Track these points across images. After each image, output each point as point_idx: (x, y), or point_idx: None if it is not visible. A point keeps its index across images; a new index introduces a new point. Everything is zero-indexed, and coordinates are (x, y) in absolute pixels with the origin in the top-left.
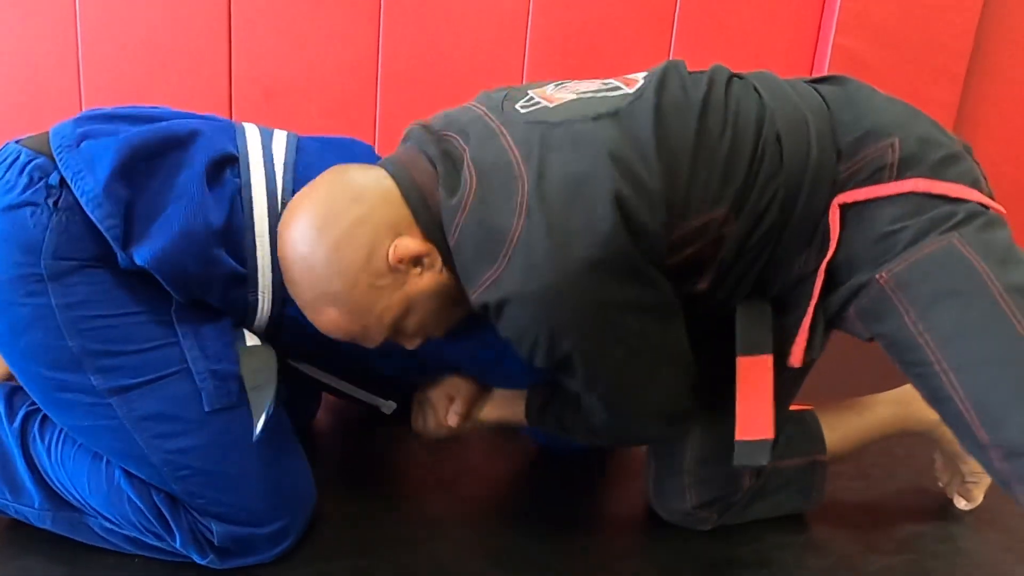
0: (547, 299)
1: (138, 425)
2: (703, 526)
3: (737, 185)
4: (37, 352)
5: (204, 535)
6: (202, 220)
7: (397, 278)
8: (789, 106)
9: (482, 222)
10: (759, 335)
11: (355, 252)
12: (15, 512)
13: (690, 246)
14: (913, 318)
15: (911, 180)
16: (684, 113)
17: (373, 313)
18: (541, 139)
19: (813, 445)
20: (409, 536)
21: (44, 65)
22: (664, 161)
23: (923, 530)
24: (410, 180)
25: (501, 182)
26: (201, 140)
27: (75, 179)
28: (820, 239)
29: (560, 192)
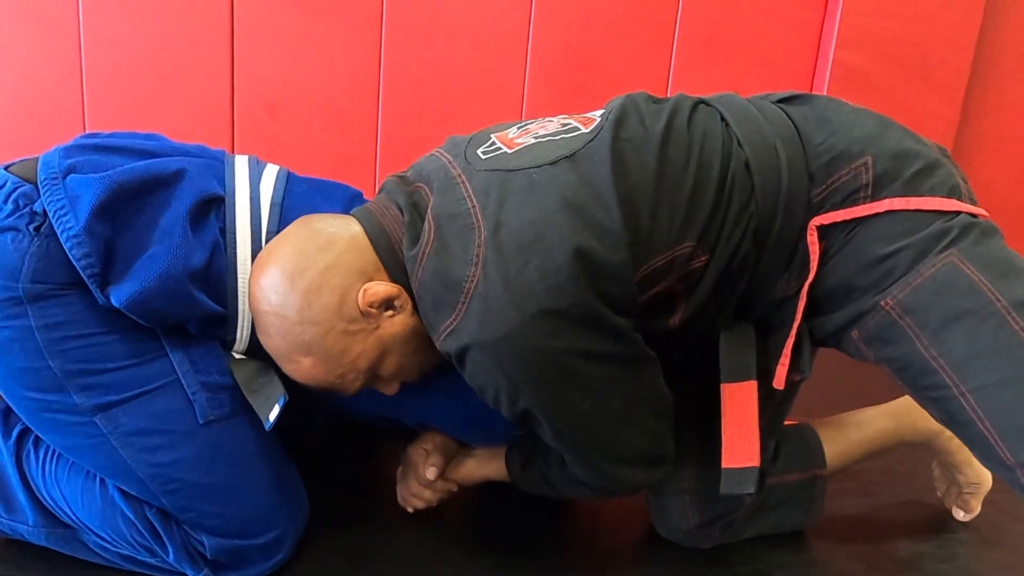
0: (504, 349)
1: (124, 441)
2: (704, 544)
3: (704, 217)
4: (20, 374)
5: (197, 549)
6: (183, 263)
7: (369, 322)
8: (757, 133)
9: (438, 272)
10: (742, 361)
11: (326, 299)
12: (10, 530)
13: (658, 284)
14: (925, 343)
15: (887, 200)
16: (643, 148)
17: (348, 359)
18: (499, 188)
19: (813, 460)
20: (402, 549)
21: (48, 81)
22: (623, 200)
23: (925, 549)
24: (378, 227)
25: (457, 232)
26: (187, 180)
27: (57, 215)
28: (799, 262)
29: (516, 243)
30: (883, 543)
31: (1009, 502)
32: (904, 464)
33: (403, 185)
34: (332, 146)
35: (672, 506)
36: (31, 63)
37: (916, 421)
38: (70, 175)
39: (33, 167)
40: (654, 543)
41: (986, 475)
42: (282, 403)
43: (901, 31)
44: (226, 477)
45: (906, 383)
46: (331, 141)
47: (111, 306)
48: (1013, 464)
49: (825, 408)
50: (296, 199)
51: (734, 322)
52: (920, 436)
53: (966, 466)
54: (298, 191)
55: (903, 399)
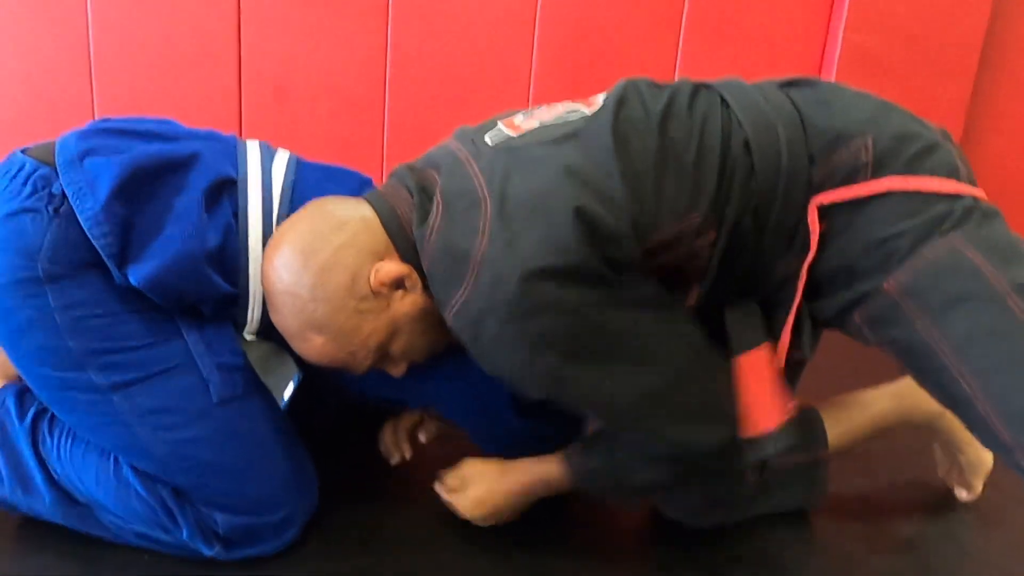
0: (519, 310)
1: (141, 419)
2: (707, 524)
3: (710, 193)
4: (39, 353)
5: (210, 526)
6: (198, 243)
7: (380, 301)
8: (757, 114)
9: (447, 246)
10: (751, 332)
11: (339, 277)
12: (28, 509)
13: (663, 256)
14: (926, 325)
15: (887, 179)
16: (643, 126)
17: (359, 338)
18: (504, 164)
19: (816, 441)
20: (411, 536)
21: (56, 66)
22: (625, 173)
23: (927, 529)
24: (389, 209)
25: (465, 206)
26: (201, 163)
27: (76, 196)
28: (800, 242)
29: (520, 210)
30: (885, 523)
31: (1011, 483)
32: (906, 445)
33: (412, 172)
34: (339, 131)
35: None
36: (40, 51)
37: (918, 402)
38: (87, 158)
39: (50, 150)
40: (655, 522)
41: (987, 455)
42: (296, 381)
43: (911, 12)
44: (240, 455)
45: (907, 365)
46: (338, 127)
47: (129, 285)
48: (1012, 445)
49: (828, 390)
50: (307, 184)
51: (738, 301)
52: (922, 417)
53: (967, 446)
54: (309, 176)
55: (905, 380)
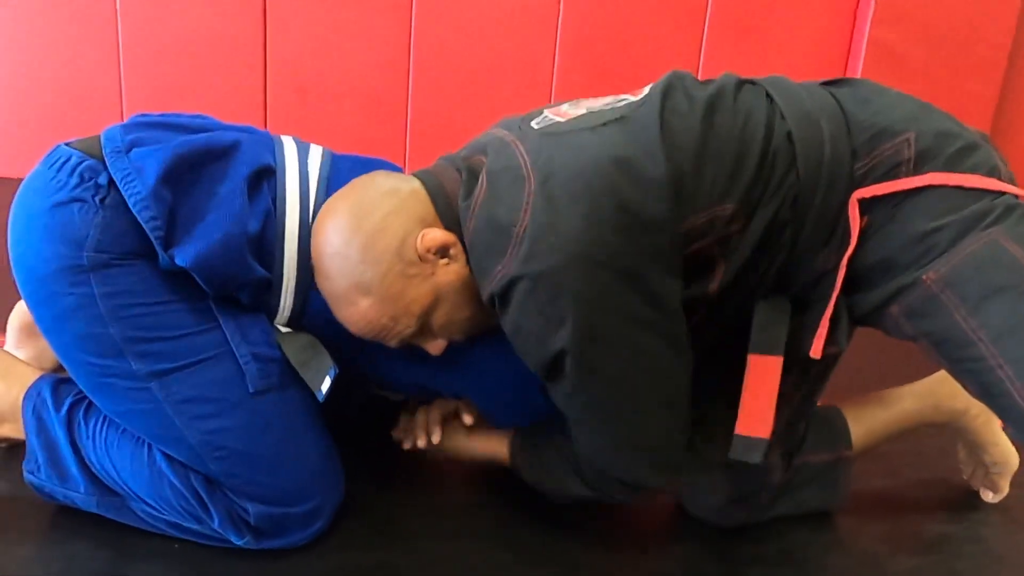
0: (545, 285)
1: (177, 408)
2: (731, 523)
3: (746, 181)
4: (81, 339)
5: (241, 516)
6: (240, 228)
7: (426, 268)
8: (801, 107)
9: (490, 220)
10: (773, 335)
11: (388, 240)
12: (63, 497)
13: (695, 243)
14: (964, 315)
15: (928, 175)
16: (688, 117)
17: (403, 302)
18: (551, 146)
19: (839, 440)
20: (435, 529)
21: (87, 66)
22: (668, 154)
23: (951, 530)
24: (437, 183)
25: (509, 182)
26: (242, 152)
27: (124, 181)
28: (840, 236)
29: (564, 191)
30: (909, 524)
31: None
32: (930, 446)
33: (460, 157)
34: (363, 128)
35: (702, 481)
36: (70, 49)
37: (941, 401)
38: (134, 148)
39: (95, 143)
40: (679, 520)
41: (1013, 454)
42: (332, 375)
43: (938, 8)
44: (273, 446)
45: (943, 356)
46: (362, 123)
47: (174, 268)
48: None
49: (850, 390)
50: (342, 173)
51: (772, 295)
52: (945, 417)
53: (992, 446)
54: (343, 167)
55: (929, 379)
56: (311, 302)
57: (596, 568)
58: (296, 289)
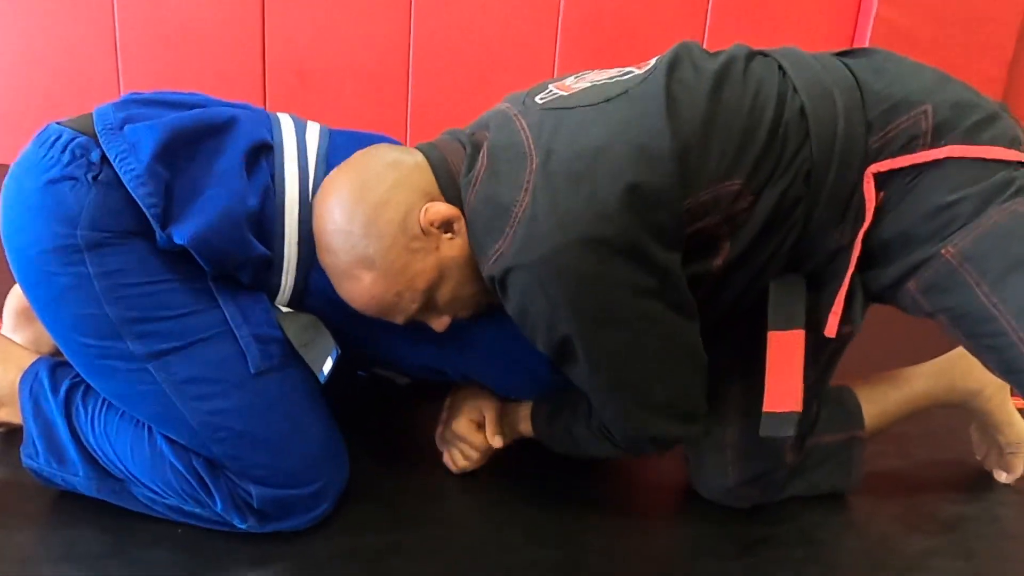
0: (546, 270)
1: (177, 389)
2: (742, 503)
3: (754, 157)
4: (77, 320)
5: (244, 499)
6: (240, 204)
7: (430, 242)
8: (814, 80)
9: (489, 198)
10: (792, 310)
11: (391, 213)
12: (63, 481)
13: (701, 219)
14: (985, 290)
15: (947, 147)
16: (695, 90)
17: (407, 277)
18: (554, 122)
19: (852, 421)
20: (441, 511)
21: (83, 51)
22: (674, 129)
23: (967, 511)
24: (440, 156)
25: (510, 160)
26: (239, 127)
27: (119, 158)
28: (855, 212)
29: (566, 171)
30: (924, 505)
31: None
32: (943, 427)
33: (465, 132)
34: (363, 112)
35: (713, 462)
36: (66, 33)
37: (954, 381)
38: (127, 125)
39: (87, 121)
40: (691, 501)
41: None
42: (335, 356)
43: None
44: (275, 427)
45: (962, 332)
46: (362, 107)
47: (172, 247)
48: None
49: (863, 369)
50: (340, 149)
51: (785, 274)
52: (957, 397)
53: (1006, 426)
54: (341, 142)
55: (941, 359)
56: (312, 281)
57: (605, 549)
58: (297, 267)
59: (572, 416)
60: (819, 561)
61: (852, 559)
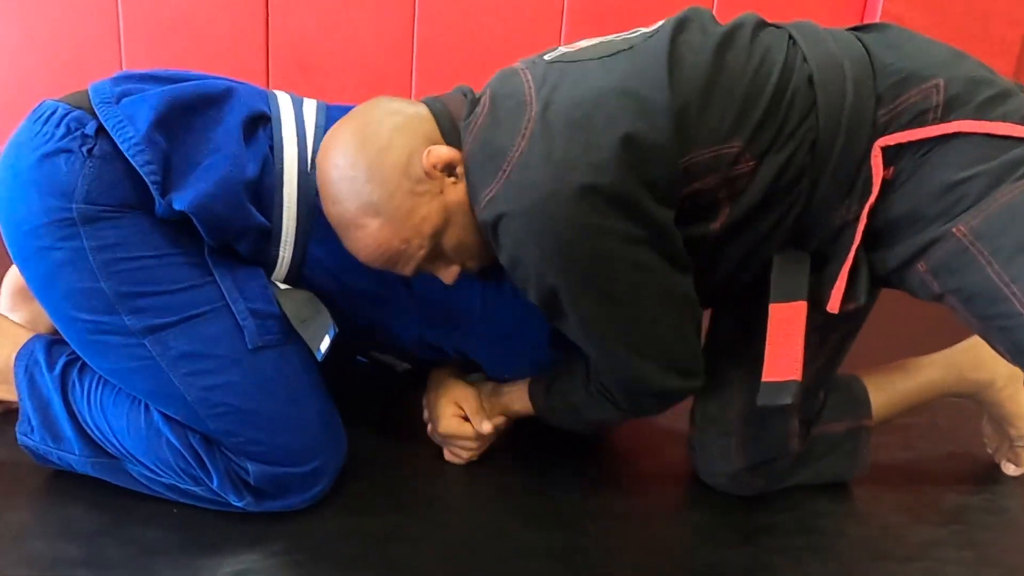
0: (538, 218)
1: (173, 364)
2: (746, 491)
3: (755, 121)
4: (72, 295)
5: (240, 476)
6: (238, 171)
7: (434, 185)
8: (824, 51)
9: (487, 141)
10: (794, 283)
11: (394, 158)
12: (58, 459)
13: (699, 179)
14: (997, 270)
15: (956, 122)
16: (700, 50)
17: (413, 222)
18: (557, 75)
19: (859, 409)
20: (441, 494)
21: (87, 41)
22: (674, 86)
23: (972, 501)
24: (442, 106)
25: (510, 107)
26: (236, 98)
27: (116, 128)
28: (862, 186)
29: (564, 119)
30: (928, 495)
31: None
32: (949, 419)
33: (471, 88)
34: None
35: (716, 448)
36: (70, 23)
37: (963, 372)
38: (123, 98)
39: (82, 96)
40: (692, 489)
41: None
42: (332, 334)
43: None
44: (272, 403)
45: (973, 314)
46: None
47: (171, 215)
48: None
49: (871, 359)
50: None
51: (789, 249)
52: (967, 388)
53: (1017, 418)
54: (338, 116)
55: (951, 350)
56: (310, 254)
57: (606, 535)
58: (295, 240)
59: (570, 382)
60: (820, 550)
61: (854, 549)
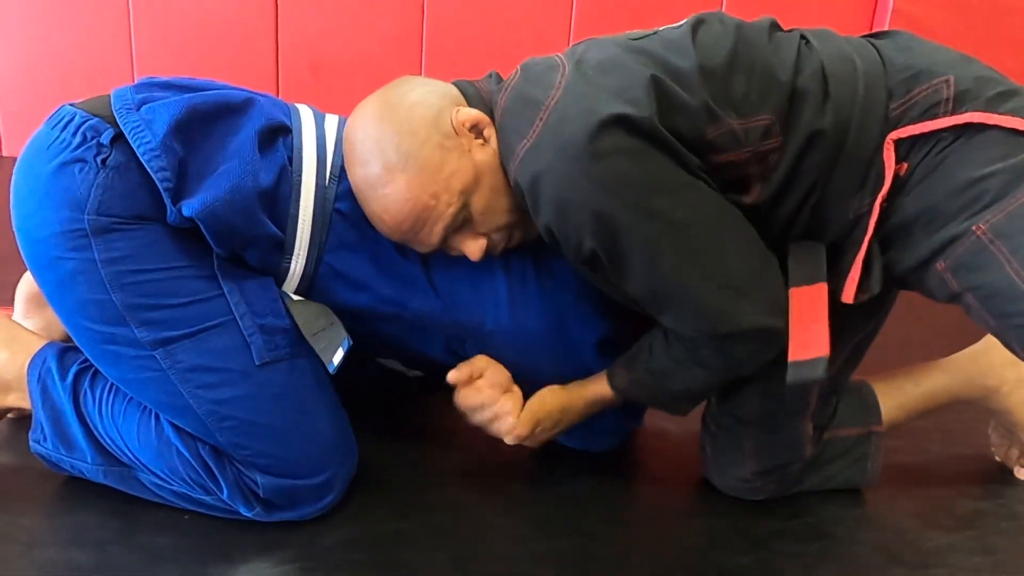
0: (580, 150)
1: (183, 376)
2: (757, 496)
3: (779, 96)
4: (84, 306)
5: (250, 487)
6: (251, 179)
7: (463, 143)
8: (836, 47)
9: (520, 95)
10: (812, 267)
11: (423, 111)
12: (71, 467)
13: (730, 151)
14: (1016, 267)
15: (967, 114)
16: (720, 35)
17: (443, 175)
18: (584, 47)
19: (869, 415)
20: (451, 500)
21: (98, 45)
22: (700, 56)
23: (985, 506)
24: (469, 83)
25: (543, 70)
26: (255, 108)
27: (134, 133)
28: (875, 179)
29: (595, 69)
30: (941, 500)
31: None
32: (961, 423)
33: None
34: None
35: (729, 451)
36: (81, 27)
37: (973, 378)
38: (144, 105)
39: (102, 102)
40: (701, 494)
41: None
42: (346, 347)
43: None
44: (281, 416)
45: (991, 312)
46: None
47: (182, 223)
48: None
49: (881, 366)
50: None
51: (804, 241)
52: (976, 393)
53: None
54: None
55: (959, 355)
56: (324, 267)
57: (613, 541)
58: (308, 251)
59: (650, 354)
60: (832, 556)
61: (867, 554)
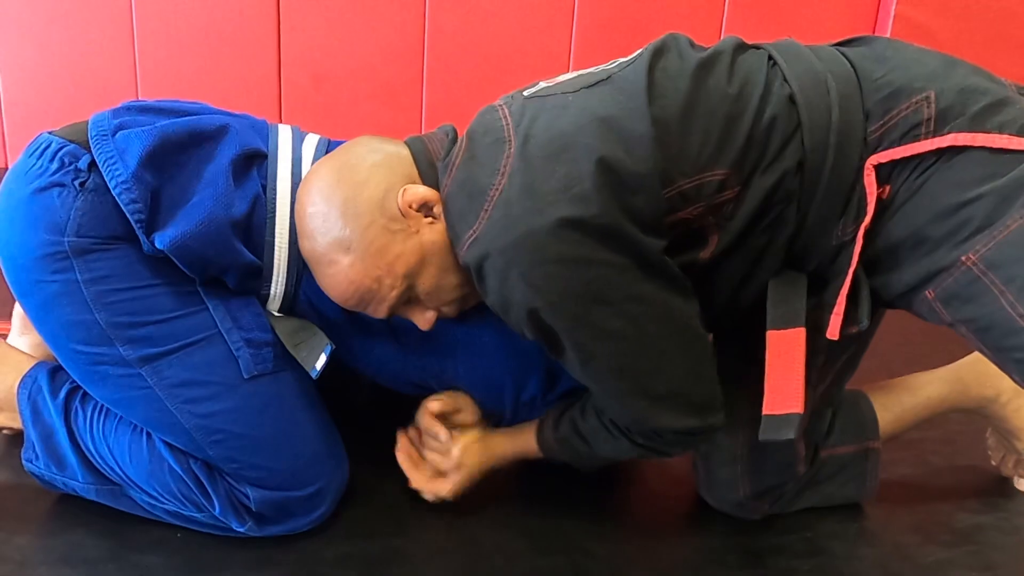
0: (525, 255)
1: (170, 392)
2: (753, 516)
3: (739, 146)
4: (69, 327)
5: (241, 502)
6: (224, 210)
7: (410, 224)
8: (806, 69)
9: (465, 181)
10: (791, 308)
11: (370, 193)
12: (63, 485)
13: (684, 209)
14: (1011, 300)
15: (950, 135)
16: (678, 77)
17: (386, 259)
18: (535, 110)
19: (866, 431)
20: (444, 517)
21: (101, 58)
22: (654, 113)
23: (985, 521)
24: (421, 145)
25: (488, 145)
26: (230, 135)
27: (107, 164)
28: (856, 206)
29: (543, 153)
30: (940, 514)
31: None
32: (962, 434)
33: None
34: (377, 116)
35: (722, 475)
36: (84, 40)
37: (970, 387)
38: (119, 132)
39: (80, 128)
40: (697, 510)
41: None
42: (328, 352)
43: None
44: (270, 429)
45: (987, 345)
46: (376, 111)
47: (156, 252)
48: None
49: (878, 376)
50: None
51: (785, 272)
52: (974, 403)
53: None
54: None
55: (956, 364)
56: (302, 292)
57: (609, 557)
58: (287, 278)
59: (581, 414)
60: (830, 572)
61: (865, 570)
